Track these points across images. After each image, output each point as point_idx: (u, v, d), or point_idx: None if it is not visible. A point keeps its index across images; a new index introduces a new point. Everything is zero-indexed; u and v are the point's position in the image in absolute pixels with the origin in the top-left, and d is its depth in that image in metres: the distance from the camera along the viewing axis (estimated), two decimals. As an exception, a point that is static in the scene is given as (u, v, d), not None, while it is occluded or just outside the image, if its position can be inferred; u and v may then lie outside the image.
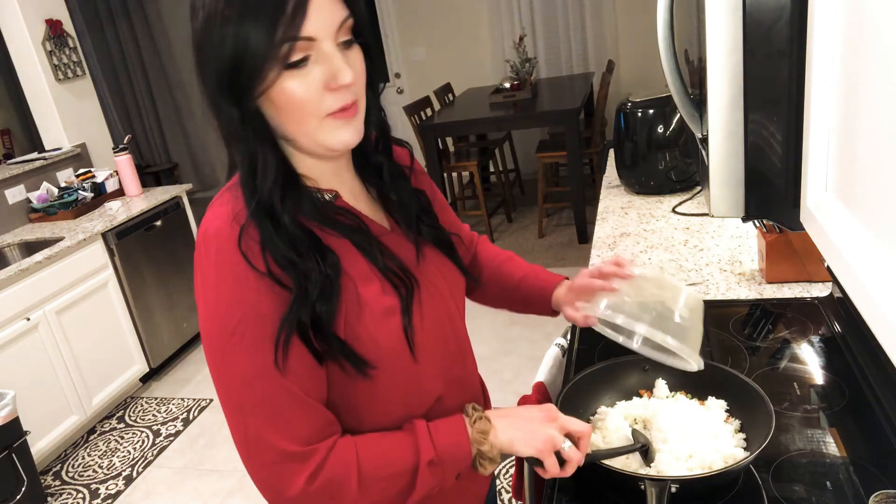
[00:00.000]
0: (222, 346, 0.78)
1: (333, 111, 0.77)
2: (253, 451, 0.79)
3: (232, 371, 0.78)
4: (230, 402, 0.79)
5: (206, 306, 0.79)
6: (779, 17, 0.76)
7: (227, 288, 0.77)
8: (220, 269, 0.77)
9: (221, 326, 0.77)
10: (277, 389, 0.78)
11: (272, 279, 0.77)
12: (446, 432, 0.86)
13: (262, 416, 0.78)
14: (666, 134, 2.14)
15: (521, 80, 4.76)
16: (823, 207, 0.69)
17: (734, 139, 0.90)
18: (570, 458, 0.88)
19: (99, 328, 3.18)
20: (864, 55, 0.53)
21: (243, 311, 0.76)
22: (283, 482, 0.79)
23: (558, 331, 1.50)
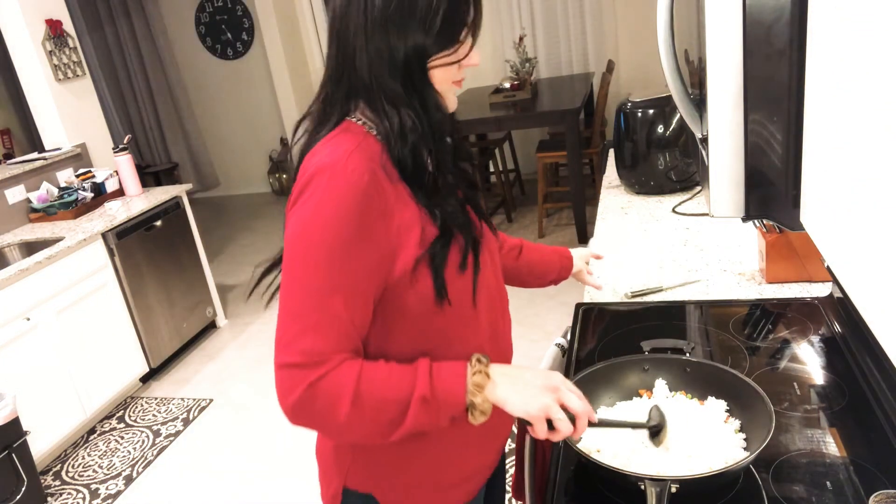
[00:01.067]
0: (303, 251, 0.86)
1: (458, 80, 0.96)
2: (280, 350, 0.87)
3: (305, 275, 0.86)
4: (286, 301, 0.87)
5: (300, 218, 0.86)
6: (779, 17, 0.76)
7: (329, 205, 0.85)
8: (340, 195, 0.85)
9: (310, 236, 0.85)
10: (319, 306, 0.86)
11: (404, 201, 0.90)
12: (446, 375, 0.90)
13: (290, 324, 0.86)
14: (666, 134, 2.14)
15: (521, 80, 4.76)
16: (823, 207, 0.69)
17: (734, 139, 0.90)
18: (559, 430, 0.90)
19: (99, 328, 3.18)
20: (863, 55, 0.53)
21: (333, 230, 0.85)
22: (285, 389, 0.86)
23: (558, 331, 1.50)
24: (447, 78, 0.93)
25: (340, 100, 0.94)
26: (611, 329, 1.43)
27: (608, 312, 1.53)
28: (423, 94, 0.91)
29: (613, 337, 1.40)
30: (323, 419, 0.88)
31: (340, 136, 0.91)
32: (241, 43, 6.39)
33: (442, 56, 0.90)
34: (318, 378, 0.86)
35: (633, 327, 1.43)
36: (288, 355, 0.87)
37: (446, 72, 0.93)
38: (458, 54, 0.92)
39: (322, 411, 0.87)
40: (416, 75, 0.90)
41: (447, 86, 0.95)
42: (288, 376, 0.87)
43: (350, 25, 0.89)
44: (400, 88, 0.89)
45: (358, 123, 0.93)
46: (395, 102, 0.90)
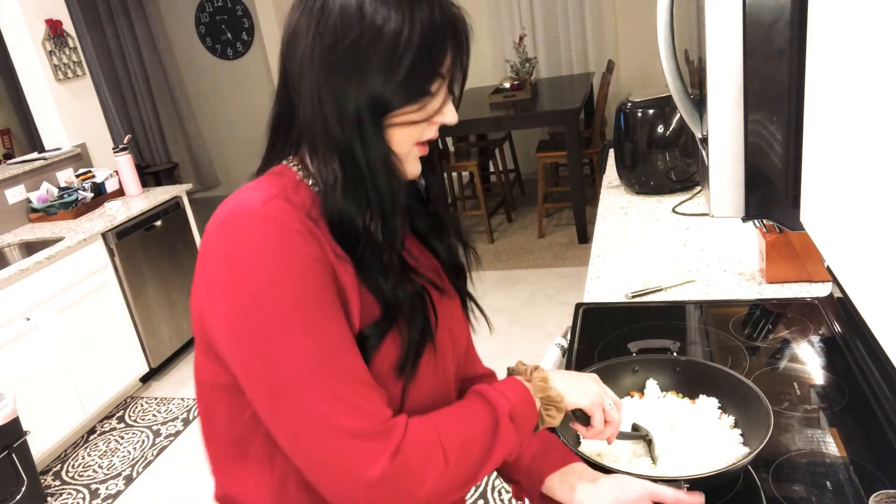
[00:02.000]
0: (271, 326, 0.70)
1: (422, 141, 0.80)
2: (317, 438, 0.71)
3: (288, 352, 0.71)
4: (283, 389, 0.71)
5: (245, 284, 0.71)
6: (779, 17, 0.76)
7: (282, 264, 0.71)
8: (273, 245, 0.71)
9: (271, 304, 0.70)
10: (344, 367, 0.73)
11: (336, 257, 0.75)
12: (509, 388, 0.84)
13: (328, 396, 0.71)
14: (666, 134, 2.14)
15: (521, 80, 4.76)
16: (823, 207, 0.69)
17: (734, 139, 0.90)
18: (612, 420, 0.91)
19: (99, 328, 3.18)
20: (863, 55, 0.53)
21: (301, 287, 0.71)
22: (363, 463, 0.71)
23: (558, 331, 1.50)
24: (410, 138, 0.77)
25: (284, 143, 0.82)
26: (611, 329, 1.43)
27: (608, 312, 1.53)
28: (371, 154, 0.74)
29: (613, 337, 1.40)
30: (412, 486, 0.73)
31: (265, 179, 0.79)
32: (241, 43, 6.38)
33: (404, 112, 0.75)
34: (400, 440, 0.73)
35: (634, 327, 1.43)
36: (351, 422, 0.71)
37: (409, 131, 0.77)
38: (425, 111, 0.76)
39: (413, 479, 0.73)
40: (367, 131, 0.74)
41: (408, 148, 0.78)
42: (362, 449, 0.71)
43: (295, 60, 0.76)
44: (346, 140, 0.74)
45: (292, 168, 0.81)
46: (337, 156, 0.75)
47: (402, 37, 0.72)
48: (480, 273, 4.09)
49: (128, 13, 6.44)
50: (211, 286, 0.74)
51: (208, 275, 0.74)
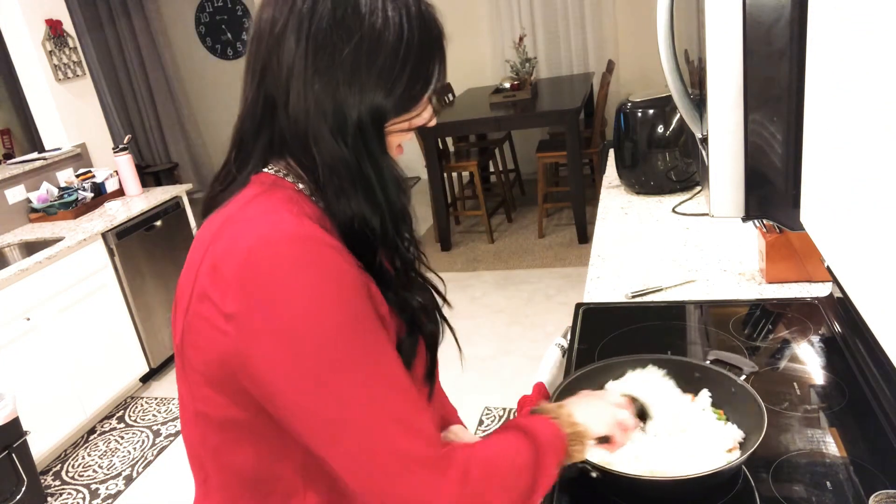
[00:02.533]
0: (328, 354, 0.65)
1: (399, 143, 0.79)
2: (387, 466, 0.67)
3: (348, 382, 0.66)
4: (347, 419, 0.66)
5: (293, 313, 0.65)
6: (779, 17, 0.76)
7: (327, 286, 0.66)
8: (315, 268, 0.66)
9: (323, 331, 0.65)
10: (403, 392, 0.69)
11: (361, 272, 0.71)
12: (543, 424, 0.84)
13: (394, 423, 0.68)
14: (666, 134, 2.14)
15: (521, 80, 4.76)
16: (823, 207, 0.69)
17: (734, 139, 0.90)
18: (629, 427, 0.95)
19: (99, 328, 3.18)
20: (863, 55, 0.53)
21: (349, 310, 0.67)
22: (433, 491, 0.68)
23: (558, 331, 1.50)
24: (397, 142, 0.78)
25: (259, 153, 0.76)
26: (611, 329, 1.43)
27: (608, 312, 1.53)
28: (379, 165, 0.72)
29: (613, 337, 1.40)
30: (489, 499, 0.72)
31: (269, 194, 0.72)
32: (242, 43, 6.38)
33: (401, 120, 0.74)
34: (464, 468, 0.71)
35: (633, 327, 1.43)
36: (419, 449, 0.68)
37: (400, 136, 0.77)
38: (421, 118, 0.77)
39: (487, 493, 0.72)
40: (370, 141, 0.71)
41: (393, 150, 0.78)
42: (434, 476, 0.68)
43: (282, 65, 0.70)
44: (349, 152, 0.70)
45: (280, 176, 0.75)
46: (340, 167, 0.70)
47: (402, 44, 0.70)
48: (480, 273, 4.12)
49: (128, 13, 6.44)
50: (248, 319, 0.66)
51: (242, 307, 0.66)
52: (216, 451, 0.77)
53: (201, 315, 0.69)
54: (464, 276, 4.24)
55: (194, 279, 0.71)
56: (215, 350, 0.69)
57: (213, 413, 0.74)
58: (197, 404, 0.76)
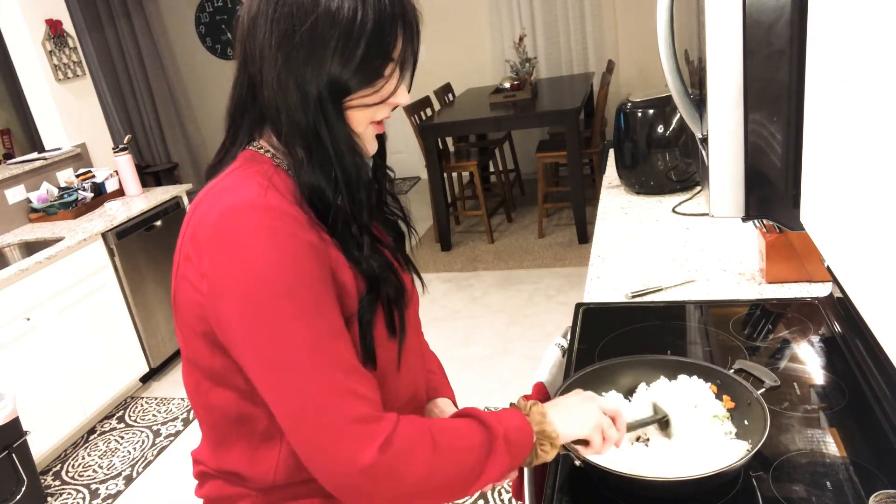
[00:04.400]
0: (276, 310, 0.74)
1: (378, 120, 0.85)
2: (316, 420, 0.74)
3: (291, 335, 0.74)
4: (286, 369, 0.74)
5: (249, 271, 0.74)
6: (779, 17, 0.76)
7: (281, 250, 0.74)
8: (272, 234, 0.74)
9: (274, 289, 0.73)
10: (341, 354, 0.76)
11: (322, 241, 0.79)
12: (506, 414, 0.87)
13: (328, 379, 0.74)
14: (666, 134, 2.14)
15: (521, 80, 4.76)
16: (823, 207, 0.69)
17: (734, 139, 0.90)
18: (609, 438, 0.93)
19: (99, 328, 3.18)
20: (863, 55, 0.53)
21: (300, 273, 0.75)
22: (355, 449, 0.73)
23: (558, 331, 1.50)
24: (366, 118, 0.83)
25: (246, 127, 0.86)
26: (611, 329, 1.43)
27: (608, 312, 1.53)
28: (336, 136, 0.80)
29: (613, 337, 1.40)
30: (402, 475, 0.76)
31: (245, 168, 0.82)
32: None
33: (361, 95, 0.80)
34: (391, 430, 0.76)
35: (633, 327, 1.43)
36: (346, 409, 0.74)
37: (366, 112, 0.82)
38: (380, 93, 0.81)
39: (403, 465, 0.76)
40: (329, 113, 0.79)
41: (364, 127, 0.83)
42: (353, 432, 0.74)
43: (255, 46, 0.79)
44: (311, 124, 0.79)
45: (262, 153, 0.85)
46: (302, 139, 0.79)
47: (355, 22, 0.76)
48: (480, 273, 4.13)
49: (128, 13, 6.44)
50: (215, 277, 0.76)
51: (211, 267, 0.76)
52: (205, 394, 0.87)
53: (185, 275, 0.80)
54: (464, 276, 4.24)
55: (181, 244, 0.81)
56: (196, 304, 0.79)
57: (200, 360, 0.84)
58: (188, 353, 0.86)
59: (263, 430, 0.85)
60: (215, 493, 0.92)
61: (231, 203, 0.76)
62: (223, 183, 0.81)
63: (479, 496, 2.39)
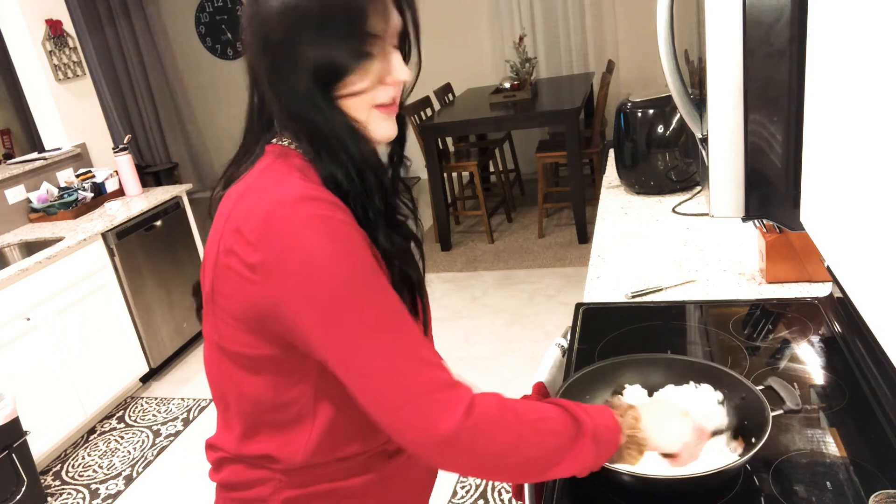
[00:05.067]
0: (343, 298, 0.75)
1: (382, 103, 0.83)
2: (401, 386, 0.76)
3: (362, 320, 0.76)
4: (365, 354, 0.76)
5: (309, 263, 0.75)
6: (779, 17, 0.76)
7: (336, 240, 0.76)
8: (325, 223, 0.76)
9: (337, 278, 0.75)
10: (410, 326, 0.79)
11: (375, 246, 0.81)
12: (598, 411, 0.88)
13: (406, 353, 0.77)
14: (666, 134, 2.14)
15: (521, 80, 4.76)
16: (823, 207, 0.69)
17: (734, 139, 0.90)
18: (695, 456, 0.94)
19: (99, 328, 3.18)
20: (863, 55, 0.53)
21: (356, 258, 0.77)
22: (438, 414, 0.75)
23: (558, 331, 1.50)
24: (364, 104, 0.82)
25: (263, 128, 0.89)
26: (611, 329, 1.43)
27: (608, 312, 1.53)
28: (334, 126, 0.80)
29: (613, 337, 1.40)
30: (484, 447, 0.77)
31: (279, 163, 0.83)
32: (242, 43, 6.38)
33: (349, 81, 0.80)
34: (472, 399, 0.77)
35: (633, 327, 1.43)
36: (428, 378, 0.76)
37: (361, 98, 0.81)
38: (369, 75, 0.80)
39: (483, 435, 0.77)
40: (321, 107, 0.80)
41: (367, 112, 0.83)
42: (439, 399, 0.76)
43: (251, 64, 0.84)
44: (310, 120, 0.80)
45: (292, 147, 0.86)
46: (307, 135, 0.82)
47: (312, 12, 0.77)
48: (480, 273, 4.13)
49: (128, 13, 6.44)
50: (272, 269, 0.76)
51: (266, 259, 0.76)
52: (239, 383, 0.87)
53: (229, 267, 0.80)
54: (464, 276, 4.24)
55: (220, 239, 0.81)
56: (246, 295, 0.79)
57: (242, 350, 0.84)
58: (223, 342, 0.86)
59: (296, 413, 0.86)
60: (234, 477, 0.93)
61: (280, 197, 0.77)
62: (261, 181, 0.81)
63: (479, 496, 2.40)
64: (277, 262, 0.76)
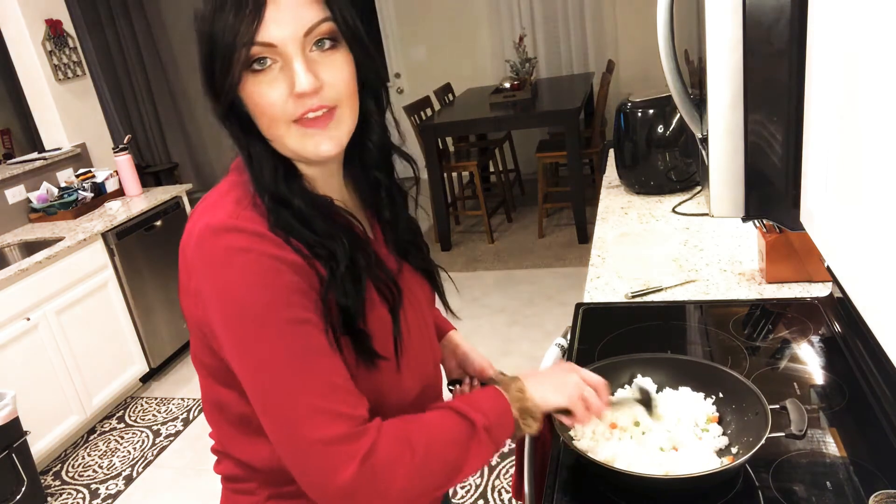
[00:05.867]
0: (254, 332, 0.75)
1: (297, 117, 0.77)
2: (293, 441, 0.75)
3: (270, 355, 0.75)
4: (265, 391, 0.76)
5: (224, 295, 0.75)
6: (779, 17, 0.76)
7: (251, 272, 0.74)
8: (242, 255, 0.74)
9: (248, 312, 0.74)
10: (319, 372, 0.76)
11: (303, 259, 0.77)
12: (486, 400, 0.87)
13: (303, 401, 0.74)
14: (666, 134, 2.14)
15: (521, 80, 4.76)
16: (823, 207, 0.69)
17: (734, 139, 0.90)
18: (592, 405, 0.93)
19: (99, 328, 3.18)
20: (863, 55, 0.53)
21: (272, 294, 0.74)
22: (334, 469, 0.74)
23: (558, 331, 1.50)
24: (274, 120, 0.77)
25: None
26: (611, 329, 1.43)
27: (608, 312, 1.53)
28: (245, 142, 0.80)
29: (613, 337, 1.40)
30: (384, 491, 0.76)
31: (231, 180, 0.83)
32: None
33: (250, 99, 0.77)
34: (371, 446, 0.75)
35: (633, 327, 1.43)
36: (324, 430, 0.74)
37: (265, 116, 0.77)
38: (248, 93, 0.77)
39: (382, 482, 0.75)
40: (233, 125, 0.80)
41: (284, 129, 0.77)
42: (332, 453, 0.74)
43: None
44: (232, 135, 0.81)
45: None
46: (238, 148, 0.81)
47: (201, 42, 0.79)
48: (480, 273, 4.13)
49: (128, 13, 6.44)
50: (200, 296, 0.78)
51: (196, 285, 0.79)
52: (209, 392, 0.90)
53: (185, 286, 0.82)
54: (464, 276, 4.24)
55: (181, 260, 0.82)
56: (190, 311, 0.83)
57: (208, 363, 0.86)
58: (200, 357, 0.88)
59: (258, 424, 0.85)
60: (230, 471, 0.96)
61: (205, 224, 0.77)
62: (209, 198, 0.82)
63: (479, 496, 2.40)
64: (203, 286, 0.77)
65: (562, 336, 1.46)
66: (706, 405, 1.07)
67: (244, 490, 0.94)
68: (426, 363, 0.98)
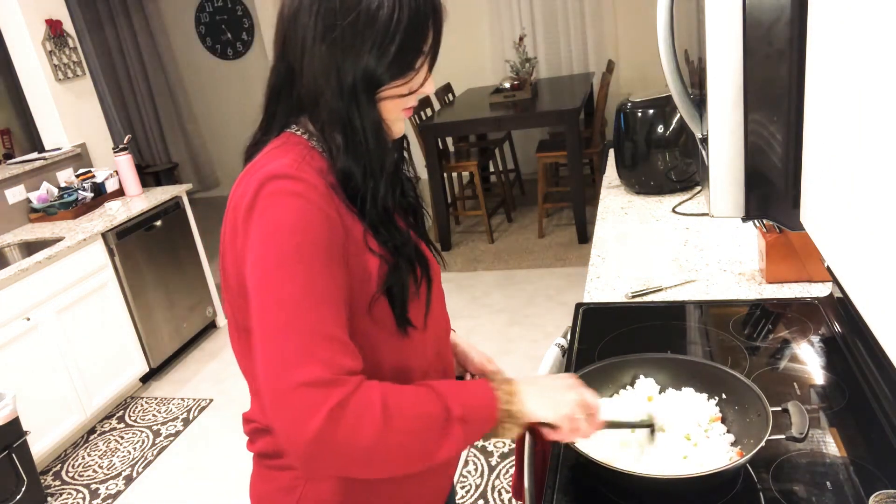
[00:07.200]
0: (274, 268, 0.79)
1: (410, 107, 0.91)
2: (283, 376, 0.76)
3: (278, 294, 0.78)
4: (265, 326, 0.78)
5: (265, 230, 0.80)
6: (779, 17, 0.76)
7: (295, 214, 0.80)
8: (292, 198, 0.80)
9: (280, 248, 0.79)
10: (320, 320, 0.79)
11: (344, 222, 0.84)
12: (472, 393, 0.88)
13: (294, 342, 0.77)
14: (666, 134, 2.14)
15: (521, 80, 4.76)
16: (823, 207, 0.69)
17: (734, 139, 0.90)
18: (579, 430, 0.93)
19: (99, 328, 3.18)
20: (863, 55, 0.53)
21: (306, 237, 0.79)
22: (306, 409, 0.75)
23: (558, 331, 1.50)
24: (398, 107, 0.89)
25: (283, 112, 0.91)
26: (611, 329, 1.43)
27: (608, 312, 1.53)
28: (365, 123, 0.85)
29: (613, 337, 1.40)
30: (349, 446, 0.76)
31: (283, 147, 0.88)
32: (241, 43, 6.38)
33: (393, 86, 0.86)
34: (344, 396, 0.76)
35: (633, 327, 1.43)
36: (305, 371, 0.75)
37: (397, 101, 0.88)
38: (411, 84, 0.88)
39: (348, 436, 0.76)
40: (362, 103, 0.85)
41: (396, 114, 0.90)
42: (306, 396, 0.75)
43: (297, 37, 0.85)
44: (344, 111, 0.85)
45: (299, 134, 0.90)
46: (340, 125, 0.85)
47: (392, 22, 0.82)
48: (480, 273, 4.14)
49: (128, 13, 6.44)
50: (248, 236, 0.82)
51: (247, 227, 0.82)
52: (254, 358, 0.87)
53: (232, 243, 0.86)
54: (464, 276, 4.24)
55: (227, 218, 0.87)
56: (240, 274, 0.85)
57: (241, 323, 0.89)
58: (237, 316, 0.91)
59: None
60: (269, 448, 0.98)
61: (267, 172, 0.82)
62: (263, 159, 0.86)
63: (479, 496, 2.40)
64: (250, 230, 0.82)
65: (562, 336, 1.46)
66: (709, 406, 1.07)
67: (281, 466, 0.96)
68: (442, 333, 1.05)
